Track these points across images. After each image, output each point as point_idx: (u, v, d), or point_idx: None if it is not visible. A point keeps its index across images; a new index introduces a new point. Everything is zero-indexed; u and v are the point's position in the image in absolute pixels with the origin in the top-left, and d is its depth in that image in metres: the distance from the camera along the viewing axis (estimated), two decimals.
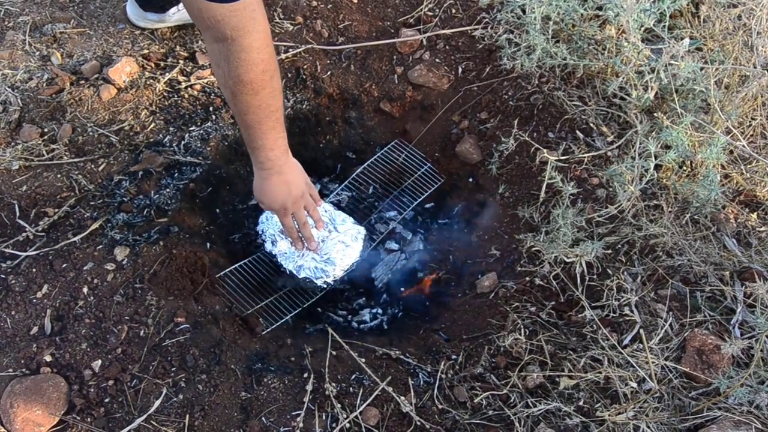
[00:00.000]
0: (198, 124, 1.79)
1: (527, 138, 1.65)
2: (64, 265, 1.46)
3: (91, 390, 1.28)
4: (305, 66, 1.96)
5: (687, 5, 1.74)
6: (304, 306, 1.63)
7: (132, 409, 1.27)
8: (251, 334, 1.51)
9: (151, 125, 1.76)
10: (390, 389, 1.31)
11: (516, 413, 1.24)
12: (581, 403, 1.24)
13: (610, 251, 1.45)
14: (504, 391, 1.29)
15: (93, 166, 1.66)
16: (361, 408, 1.28)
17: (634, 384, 1.23)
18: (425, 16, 2.03)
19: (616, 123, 1.66)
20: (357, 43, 2.00)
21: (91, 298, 1.40)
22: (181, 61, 1.90)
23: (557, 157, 1.55)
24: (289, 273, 1.66)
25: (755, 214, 1.47)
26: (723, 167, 1.54)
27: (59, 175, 1.62)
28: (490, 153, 1.80)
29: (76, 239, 1.50)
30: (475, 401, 1.29)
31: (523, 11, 1.75)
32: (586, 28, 1.69)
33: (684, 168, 1.53)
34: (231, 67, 1.16)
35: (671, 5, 1.53)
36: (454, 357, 1.40)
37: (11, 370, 1.30)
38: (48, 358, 1.31)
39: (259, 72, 1.18)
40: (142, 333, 1.37)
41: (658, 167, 1.48)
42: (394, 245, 1.93)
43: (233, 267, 1.64)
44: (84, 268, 1.45)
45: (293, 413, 1.28)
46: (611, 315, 1.36)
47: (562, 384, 1.27)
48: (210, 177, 1.76)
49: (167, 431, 1.24)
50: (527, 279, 1.50)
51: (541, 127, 1.73)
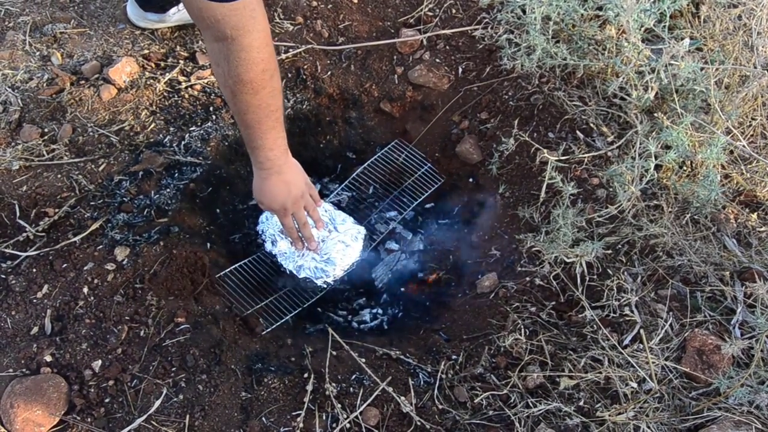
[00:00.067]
0: (198, 124, 1.79)
1: (527, 138, 1.65)
2: (64, 265, 1.46)
3: (92, 390, 1.28)
4: (305, 66, 1.96)
5: (687, 5, 1.74)
6: (304, 306, 1.63)
7: (132, 409, 1.27)
8: (251, 334, 1.51)
9: (152, 125, 1.76)
10: (390, 389, 1.31)
11: (516, 413, 1.24)
12: (581, 404, 1.24)
13: (610, 251, 1.45)
14: (504, 392, 1.29)
15: (93, 166, 1.66)
16: (362, 408, 1.28)
17: (634, 384, 1.23)
18: (425, 16, 2.03)
19: (616, 123, 1.66)
20: (357, 43, 2.00)
21: (92, 298, 1.40)
22: (182, 61, 1.90)
23: (557, 158, 1.55)
24: (289, 273, 1.67)
25: (755, 214, 1.47)
26: (723, 167, 1.54)
27: (59, 176, 1.62)
28: (490, 153, 1.80)
29: (76, 239, 1.50)
30: (476, 401, 1.29)
31: (524, 11, 1.75)
32: (586, 28, 1.69)
33: (684, 168, 1.53)
34: (231, 67, 1.16)
35: (671, 5, 1.53)
36: (454, 357, 1.40)
37: (11, 370, 1.30)
38: (48, 358, 1.31)
39: (259, 71, 1.18)
40: (142, 333, 1.37)
41: (658, 167, 1.48)
42: (394, 245, 1.93)
43: (233, 267, 1.64)
44: (84, 268, 1.45)
45: (293, 413, 1.28)
46: (611, 315, 1.36)
47: (562, 384, 1.27)
48: (210, 177, 1.76)
49: (167, 431, 1.24)
50: (527, 279, 1.50)
51: (542, 128, 1.73)
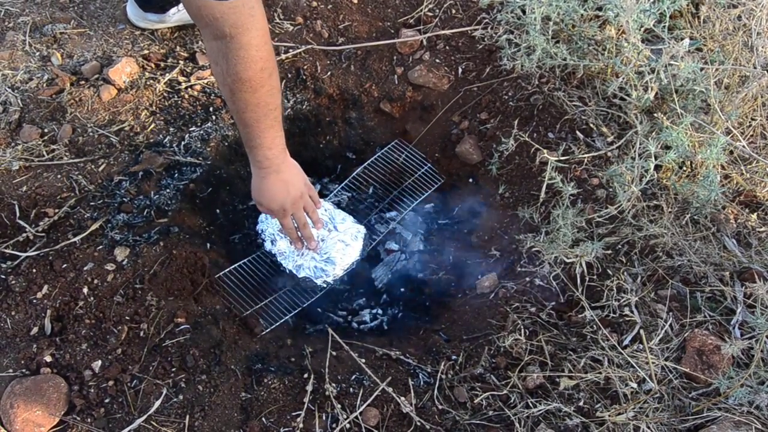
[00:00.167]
0: (198, 124, 1.79)
1: (527, 138, 1.65)
2: (64, 266, 1.46)
3: (92, 390, 1.28)
4: (305, 66, 1.96)
5: (687, 5, 1.74)
6: (303, 306, 1.63)
7: (132, 410, 1.27)
8: (251, 334, 1.51)
9: (152, 126, 1.76)
10: (390, 390, 1.31)
11: (516, 414, 1.24)
12: (581, 404, 1.24)
13: (610, 252, 1.45)
14: (504, 392, 1.29)
15: (93, 166, 1.66)
16: (362, 408, 1.28)
17: (634, 384, 1.23)
18: (425, 16, 2.03)
19: (616, 123, 1.66)
20: (357, 44, 2.00)
21: (91, 298, 1.40)
22: (181, 62, 1.90)
23: (557, 158, 1.55)
24: (289, 272, 1.66)
25: (755, 214, 1.47)
26: (723, 167, 1.54)
27: (59, 176, 1.62)
28: (490, 153, 1.80)
29: (76, 240, 1.50)
30: (475, 402, 1.29)
31: (523, 12, 1.75)
32: (586, 28, 1.69)
33: (684, 168, 1.53)
34: (229, 65, 1.16)
35: (671, 5, 1.53)
36: (454, 357, 1.39)
37: (11, 370, 1.30)
38: (48, 358, 1.31)
39: (258, 70, 1.18)
40: (142, 333, 1.37)
41: (658, 167, 1.48)
42: (394, 245, 1.93)
43: (232, 267, 1.64)
44: (84, 268, 1.45)
45: (293, 414, 1.28)
46: (611, 315, 1.36)
47: (562, 384, 1.27)
48: (210, 177, 1.76)
49: (167, 431, 1.24)
50: (527, 279, 1.50)
51: (541, 128, 1.73)
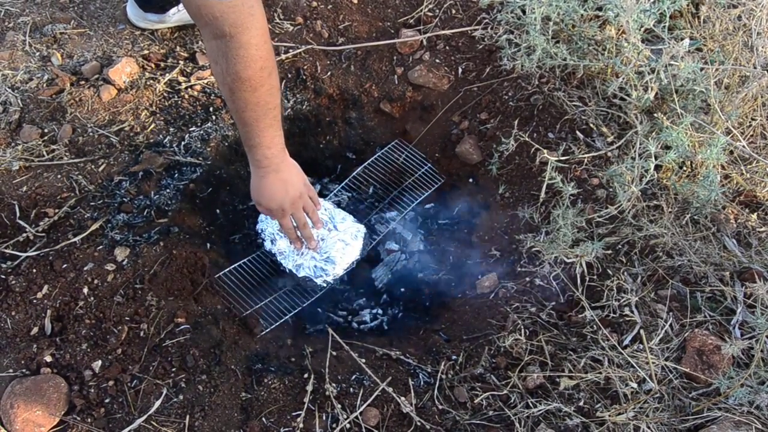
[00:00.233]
0: (198, 124, 1.79)
1: (527, 138, 1.65)
2: (64, 266, 1.46)
3: (92, 390, 1.28)
4: (305, 66, 1.96)
5: (687, 5, 1.74)
6: (303, 305, 1.63)
7: (132, 410, 1.27)
8: (251, 334, 1.51)
9: (152, 126, 1.76)
10: (390, 390, 1.31)
11: (516, 414, 1.24)
12: (581, 404, 1.24)
13: (610, 251, 1.45)
14: (504, 392, 1.29)
15: (93, 166, 1.66)
16: (362, 408, 1.28)
17: (634, 384, 1.23)
18: (425, 16, 2.03)
19: (616, 123, 1.66)
20: (357, 44, 2.00)
21: (92, 298, 1.40)
22: (181, 62, 1.90)
23: (557, 158, 1.55)
24: (289, 272, 1.66)
25: (755, 214, 1.47)
26: (723, 167, 1.54)
27: (59, 176, 1.62)
28: (490, 153, 1.80)
29: (76, 240, 1.50)
30: (476, 402, 1.29)
31: (523, 12, 1.75)
32: (586, 28, 1.69)
33: (684, 168, 1.53)
34: (229, 64, 1.16)
35: (671, 5, 1.53)
36: (454, 357, 1.39)
37: (11, 370, 1.30)
38: (48, 358, 1.31)
39: (257, 69, 1.18)
40: (142, 333, 1.37)
41: (658, 168, 1.48)
42: (394, 245, 1.93)
43: (232, 267, 1.64)
44: (84, 268, 1.45)
45: (293, 414, 1.28)
46: (611, 315, 1.36)
47: (562, 384, 1.27)
48: (210, 177, 1.76)
49: (167, 431, 1.24)
50: (527, 279, 1.50)
51: (541, 128, 1.73)
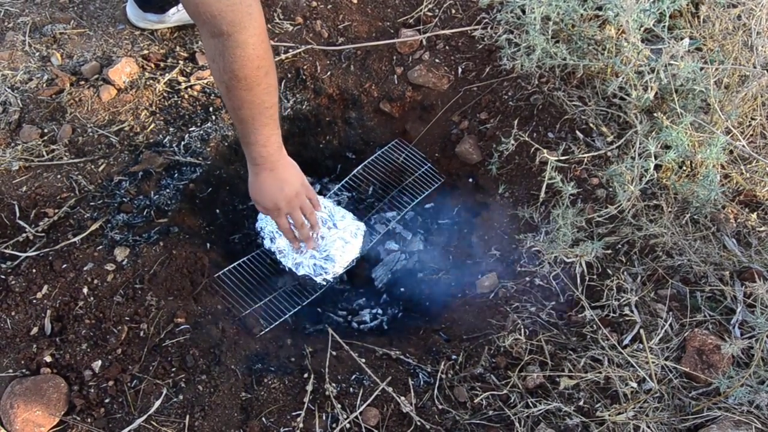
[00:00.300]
0: (198, 124, 1.79)
1: (527, 138, 1.65)
2: (64, 266, 1.46)
3: (92, 390, 1.28)
4: (305, 66, 1.96)
5: (687, 5, 1.74)
6: (303, 304, 1.63)
7: (132, 410, 1.27)
8: (251, 334, 1.51)
9: (151, 126, 1.76)
10: (390, 389, 1.31)
11: (516, 413, 1.24)
12: (581, 403, 1.24)
13: (610, 251, 1.45)
14: (504, 392, 1.29)
15: (93, 166, 1.66)
16: (362, 408, 1.28)
17: (634, 384, 1.23)
18: (425, 16, 2.03)
19: (616, 123, 1.66)
20: (357, 44, 2.00)
21: (91, 298, 1.40)
22: (181, 62, 1.90)
23: (557, 158, 1.55)
24: (288, 270, 1.66)
25: (755, 214, 1.47)
26: (723, 167, 1.54)
27: (59, 176, 1.62)
28: (490, 153, 1.80)
29: (76, 240, 1.50)
30: (475, 401, 1.29)
31: (523, 11, 1.75)
32: (585, 28, 1.69)
33: (684, 168, 1.53)
34: (226, 63, 1.16)
35: (671, 5, 1.53)
36: (454, 357, 1.39)
37: (11, 370, 1.30)
38: (48, 358, 1.31)
39: (254, 68, 1.18)
40: (142, 333, 1.37)
41: (658, 167, 1.48)
42: (394, 245, 1.93)
43: (232, 266, 1.64)
44: (84, 268, 1.45)
45: (293, 413, 1.28)
46: (611, 315, 1.36)
47: (562, 384, 1.27)
48: (210, 177, 1.76)
49: (167, 431, 1.24)
50: (527, 279, 1.50)
51: (541, 128, 1.73)
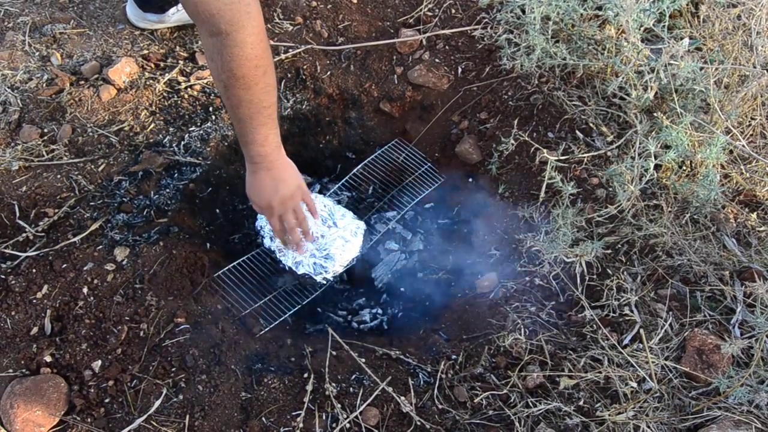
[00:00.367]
0: (198, 124, 1.79)
1: (527, 138, 1.65)
2: (64, 266, 1.46)
3: (91, 390, 1.28)
4: (305, 66, 1.96)
5: (687, 5, 1.74)
6: (303, 303, 1.63)
7: (132, 410, 1.27)
8: (251, 334, 1.51)
9: (151, 126, 1.76)
10: (390, 389, 1.31)
11: (516, 413, 1.24)
12: (581, 403, 1.24)
13: (610, 251, 1.45)
14: (504, 391, 1.29)
15: (93, 166, 1.66)
16: (361, 408, 1.28)
17: (634, 384, 1.23)
18: (425, 16, 2.03)
19: (615, 123, 1.66)
20: (357, 44, 2.00)
21: (91, 298, 1.40)
22: (181, 62, 1.90)
23: (557, 157, 1.55)
24: (288, 269, 1.66)
25: (755, 213, 1.47)
26: (723, 167, 1.54)
27: (59, 176, 1.62)
28: (489, 153, 1.80)
29: (76, 239, 1.50)
30: (475, 401, 1.29)
31: (523, 11, 1.75)
32: (585, 28, 1.69)
33: (684, 168, 1.53)
34: (224, 62, 1.16)
35: (671, 5, 1.53)
36: (454, 357, 1.39)
37: (11, 370, 1.30)
38: (48, 358, 1.31)
39: (252, 67, 1.18)
40: (142, 333, 1.37)
41: (657, 167, 1.48)
42: (394, 245, 1.93)
43: (231, 265, 1.64)
44: (84, 268, 1.45)
45: (293, 413, 1.28)
46: (611, 315, 1.36)
47: (562, 384, 1.27)
48: (210, 177, 1.76)
49: (167, 431, 1.24)
50: (527, 279, 1.50)
51: (541, 127, 1.73)
